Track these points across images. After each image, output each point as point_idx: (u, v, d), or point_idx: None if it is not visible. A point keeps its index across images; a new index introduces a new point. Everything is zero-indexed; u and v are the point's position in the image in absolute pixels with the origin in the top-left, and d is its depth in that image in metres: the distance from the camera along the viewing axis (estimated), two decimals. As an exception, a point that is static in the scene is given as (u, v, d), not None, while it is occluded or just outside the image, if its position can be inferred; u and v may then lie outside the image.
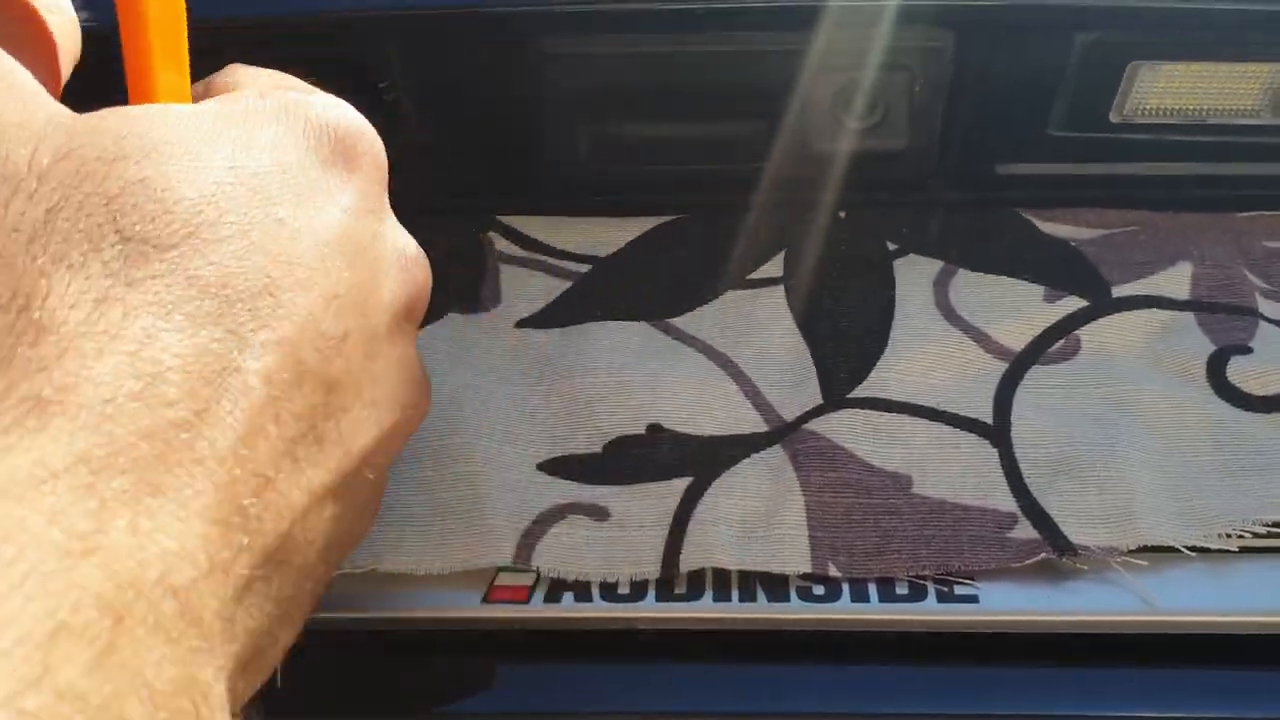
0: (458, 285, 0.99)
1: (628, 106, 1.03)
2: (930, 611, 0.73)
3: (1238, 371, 0.86)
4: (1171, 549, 0.75)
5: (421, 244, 1.00)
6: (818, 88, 1.00)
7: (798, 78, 0.99)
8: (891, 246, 0.99)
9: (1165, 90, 1.00)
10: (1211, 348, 0.88)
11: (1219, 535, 0.75)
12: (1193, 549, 0.75)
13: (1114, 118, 1.02)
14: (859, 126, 1.00)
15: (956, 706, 0.71)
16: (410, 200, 1.08)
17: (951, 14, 0.96)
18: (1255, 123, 1.02)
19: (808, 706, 0.71)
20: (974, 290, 0.94)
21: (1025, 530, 0.76)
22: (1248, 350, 0.87)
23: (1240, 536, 0.75)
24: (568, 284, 0.98)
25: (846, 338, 0.90)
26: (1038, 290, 0.93)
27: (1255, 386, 0.85)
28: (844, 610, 0.73)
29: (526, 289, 0.98)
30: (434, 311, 0.96)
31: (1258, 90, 1.00)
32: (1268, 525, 0.76)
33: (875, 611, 0.73)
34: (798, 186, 1.04)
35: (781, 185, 1.05)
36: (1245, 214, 1.01)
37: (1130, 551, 0.75)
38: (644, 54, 1.00)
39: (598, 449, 0.84)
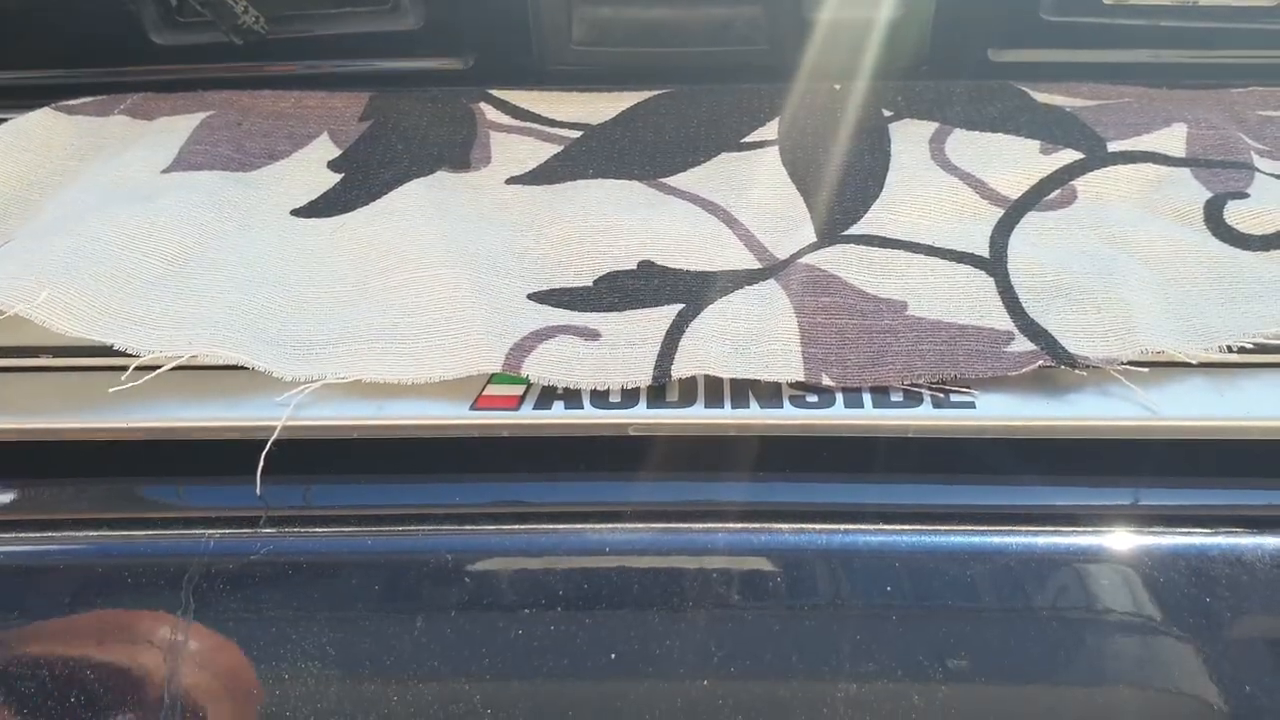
0: (447, 149, 0.98)
1: (617, 9, 1.03)
2: (926, 417, 0.71)
3: (1235, 213, 0.85)
4: (1172, 363, 0.74)
5: (411, 113, 1.00)
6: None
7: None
8: (887, 113, 0.99)
9: (1158, -31, 1.00)
10: (1208, 194, 0.87)
11: (1219, 348, 0.73)
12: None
13: (1107, 0, 1.02)
14: (853, -5, 0.99)
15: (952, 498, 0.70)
16: (404, 82, 1.08)
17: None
18: (1247, 5, 1.02)
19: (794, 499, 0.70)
20: (970, 144, 0.93)
21: (1022, 344, 0.74)
22: (1244, 195, 0.86)
23: (1240, 351, 0.74)
24: (558, 148, 0.98)
25: (842, 186, 0.90)
26: (1033, 144, 0.92)
27: (1253, 226, 0.84)
28: (838, 416, 0.72)
29: (517, 152, 0.97)
30: (423, 169, 0.95)
31: (1250, -35, 1.00)
32: (1268, 337, 0.74)
33: (869, 418, 0.72)
34: (792, 63, 1.04)
35: (776, 62, 1.04)
36: (1239, 89, 1.01)
37: (1130, 362, 0.73)
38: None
39: (588, 283, 0.82)
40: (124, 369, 0.75)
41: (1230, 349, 0.74)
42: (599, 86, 1.06)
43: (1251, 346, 0.74)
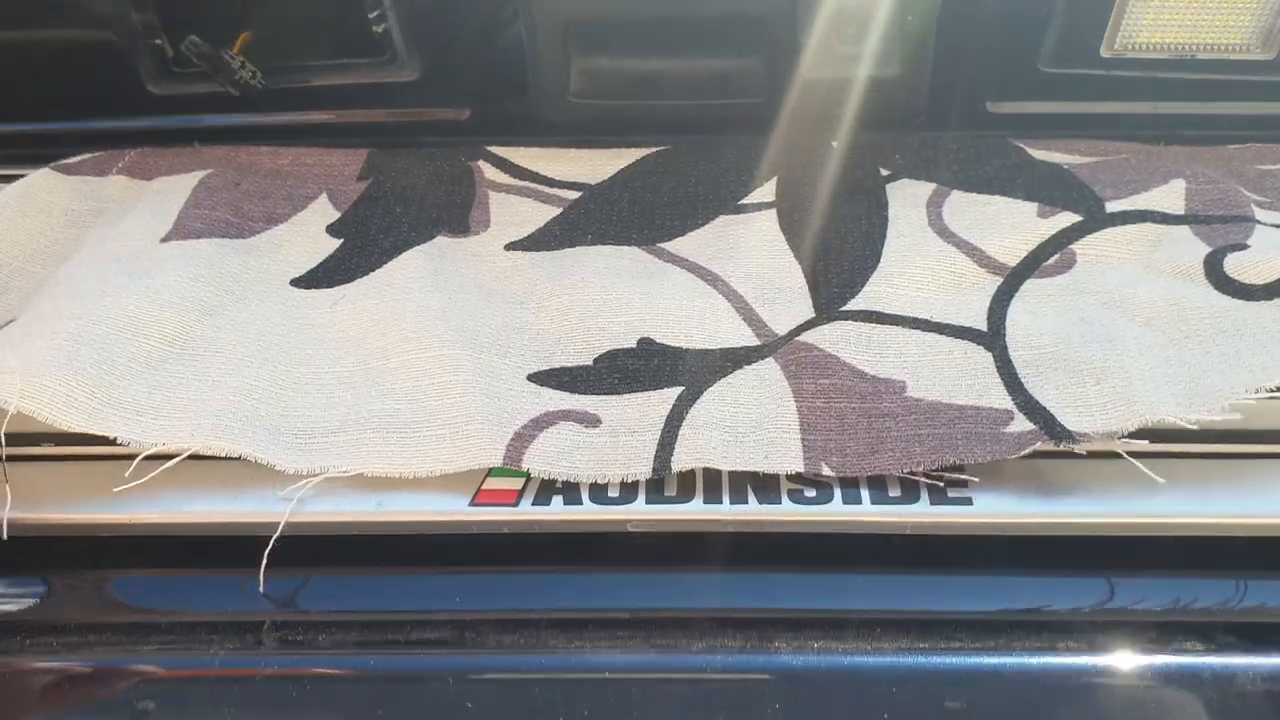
0: (446, 211, 0.98)
1: (619, 36, 1.03)
2: (923, 514, 0.72)
3: (1236, 265, 0.85)
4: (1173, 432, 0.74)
5: (409, 172, 1.00)
6: (809, 14, 0.99)
7: (789, 4, 0.98)
8: (884, 172, 0.98)
9: (1155, 24, 0.99)
10: (1208, 249, 0.87)
11: (1220, 410, 0.73)
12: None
13: (1105, 52, 1.01)
14: (851, 53, 0.99)
15: (948, 605, 0.71)
16: (401, 133, 1.08)
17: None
18: (1244, 58, 1.01)
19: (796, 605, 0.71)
20: (967, 208, 0.93)
21: (1021, 424, 0.75)
22: (1245, 247, 0.86)
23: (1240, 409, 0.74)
24: (557, 210, 0.98)
25: (839, 255, 0.90)
26: (1031, 207, 0.92)
27: (1254, 276, 0.84)
28: (836, 512, 0.72)
29: (516, 214, 0.97)
30: (423, 234, 0.95)
31: (1247, 24, 0.99)
32: (1270, 391, 0.74)
33: (867, 514, 0.72)
34: (790, 116, 1.03)
35: (774, 115, 1.04)
36: (1235, 145, 1.00)
37: (1131, 435, 0.73)
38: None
39: (588, 361, 0.83)
40: (127, 457, 0.76)
41: (1232, 408, 0.74)
42: (597, 141, 1.06)
43: (1254, 400, 0.74)
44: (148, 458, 0.76)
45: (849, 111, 1.04)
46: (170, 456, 0.75)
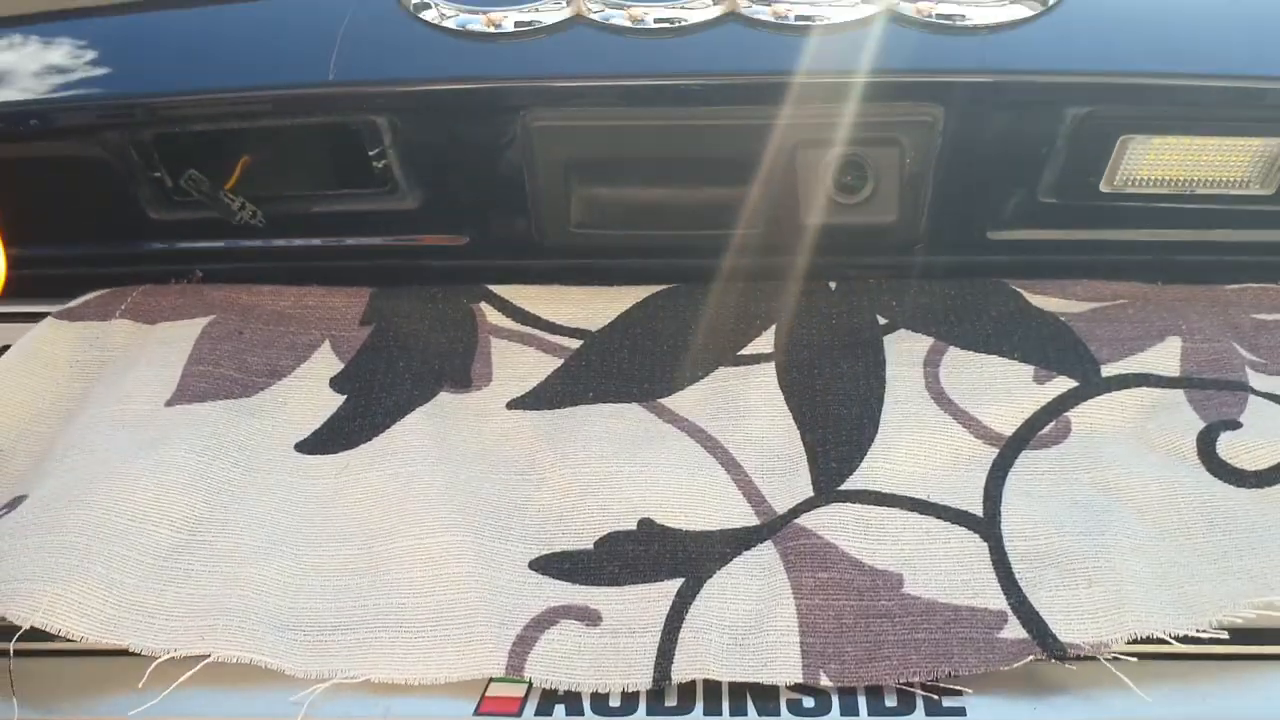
0: (448, 361, 0.99)
1: (619, 170, 1.03)
2: (919, 727, 0.74)
3: (1229, 446, 0.86)
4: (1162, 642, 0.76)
5: (412, 316, 1.01)
6: (807, 161, 0.99)
7: (786, 152, 0.99)
8: (882, 321, 0.99)
9: (1155, 162, 1.00)
10: (1201, 424, 0.88)
11: (1210, 624, 0.75)
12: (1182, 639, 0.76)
13: (1104, 188, 1.02)
14: (849, 202, 0.99)
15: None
16: (400, 271, 1.09)
17: (941, 89, 0.96)
18: (1244, 193, 1.02)
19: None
20: (964, 369, 0.94)
21: (1014, 630, 0.76)
22: (1237, 425, 0.87)
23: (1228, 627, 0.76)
24: (559, 361, 0.98)
25: (838, 422, 0.91)
26: (1027, 371, 0.93)
27: (1246, 461, 0.85)
28: (833, 725, 0.74)
29: (518, 366, 0.98)
30: (425, 390, 0.97)
31: (1247, 162, 1.00)
32: (1258, 608, 0.76)
33: (864, 727, 0.74)
34: (788, 258, 1.04)
35: (771, 257, 1.05)
36: (1233, 286, 1.01)
37: (1120, 648, 0.75)
38: (633, 127, 1.00)
39: (589, 545, 0.84)
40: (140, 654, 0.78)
41: (1219, 625, 0.76)
42: (597, 270, 1.07)
43: (1241, 622, 0.76)
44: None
45: (846, 255, 1.05)
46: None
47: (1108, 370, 0.92)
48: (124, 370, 0.97)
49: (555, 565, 0.83)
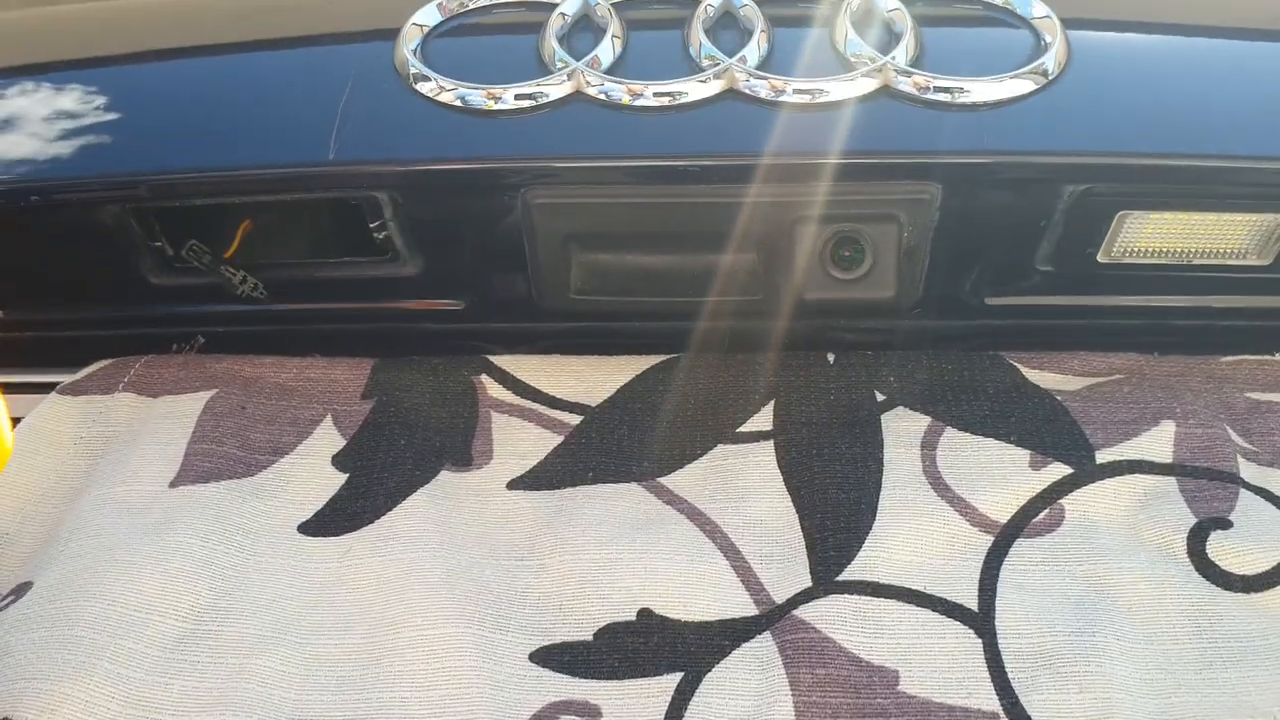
0: (450, 438, 1.00)
1: (617, 249, 1.04)
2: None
3: (1218, 547, 0.88)
4: None
5: (413, 390, 1.02)
6: (804, 237, 1.00)
7: (785, 228, 0.99)
8: (880, 397, 1.00)
9: (1153, 234, 1.01)
10: (1192, 520, 0.89)
11: None
12: None
13: (1101, 258, 1.03)
14: (847, 278, 1.00)
15: None
16: (398, 345, 1.10)
17: (939, 169, 0.96)
18: (1241, 263, 1.03)
19: None
20: (961, 454, 0.95)
21: None
22: (1228, 524, 0.89)
23: None
24: (559, 438, 0.99)
25: (836, 507, 0.92)
26: (1023, 455, 0.94)
27: (1235, 565, 0.87)
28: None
29: (519, 444, 0.99)
30: (427, 470, 0.98)
31: (1244, 234, 1.00)
32: None
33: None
34: (786, 330, 1.05)
35: (770, 328, 1.06)
36: (1229, 358, 1.02)
37: None
38: (633, 203, 1.01)
39: (589, 636, 0.85)
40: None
41: None
42: (596, 337, 1.08)
43: None
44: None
45: (844, 329, 1.06)
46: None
47: (1102, 457, 0.93)
48: (128, 447, 0.98)
49: (555, 657, 0.84)
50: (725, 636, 0.84)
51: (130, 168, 0.99)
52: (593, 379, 1.02)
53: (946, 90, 0.95)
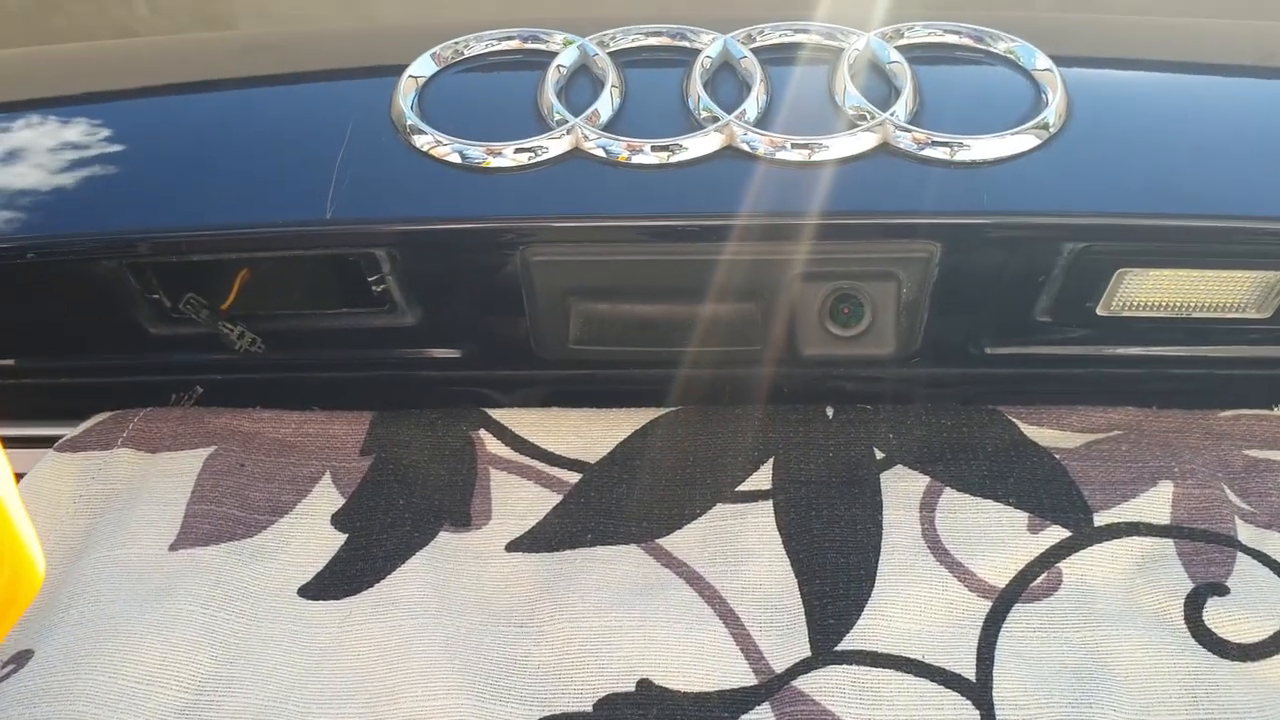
0: (448, 496, 1.00)
1: (616, 302, 1.04)
2: None
3: (1215, 615, 0.88)
4: None
5: (411, 446, 1.02)
6: (804, 294, 1.00)
7: (784, 286, 0.99)
8: (879, 455, 1.00)
9: (1153, 289, 1.01)
10: (1190, 585, 0.90)
11: None
12: None
13: (1100, 312, 1.03)
14: (846, 335, 1.00)
15: None
16: (397, 393, 1.10)
17: (939, 229, 0.96)
18: (1240, 316, 1.03)
19: None
20: (960, 516, 0.95)
21: None
22: (1225, 590, 0.89)
23: None
24: (558, 498, 1.00)
25: (835, 572, 0.92)
26: (1021, 518, 0.94)
27: (1231, 633, 0.87)
28: None
29: (517, 503, 0.99)
30: (425, 531, 0.98)
31: (1244, 290, 1.00)
32: None
33: None
34: (785, 384, 1.05)
35: (769, 381, 1.06)
36: (1227, 413, 1.02)
37: None
38: (632, 261, 1.01)
39: (588, 708, 0.86)
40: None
41: None
42: (596, 385, 1.08)
43: None
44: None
45: (843, 384, 1.06)
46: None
47: (1100, 519, 0.93)
48: (127, 506, 0.98)
49: (555, 730, 0.85)
50: (724, 708, 0.85)
51: (126, 225, 0.99)
52: (591, 434, 1.02)
53: (946, 146, 0.94)
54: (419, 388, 1.12)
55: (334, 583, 0.94)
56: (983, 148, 0.94)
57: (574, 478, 1.00)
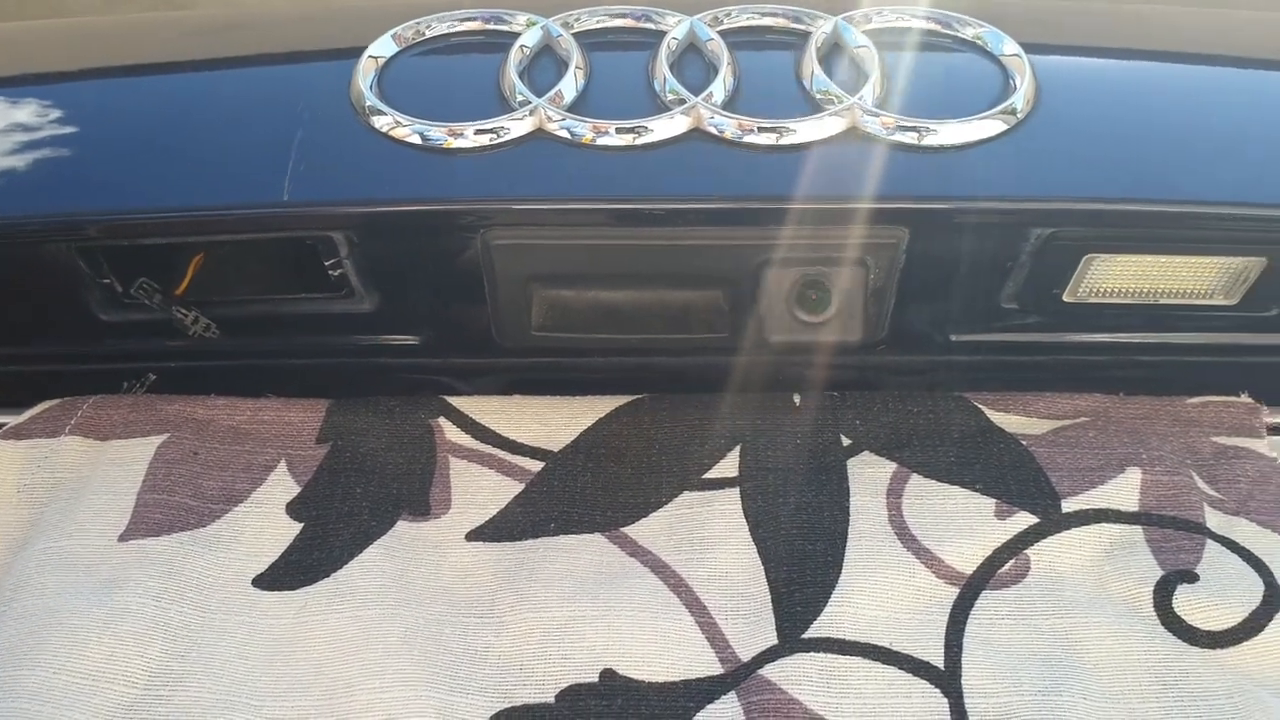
0: (406, 485, 0.98)
1: (579, 287, 1.02)
2: None
3: (1185, 602, 0.88)
4: None
5: (369, 434, 0.99)
6: (771, 280, 0.99)
7: (751, 272, 0.98)
8: (845, 441, 0.99)
9: (1120, 275, 1.00)
10: (1159, 572, 0.89)
11: None
12: None
13: (1067, 298, 1.02)
14: (814, 321, 0.99)
15: None
16: (354, 381, 1.07)
17: (907, 214, 0.95)
18: (1207, 303, 1.02)
19: None
20: (927, 502, 0.94)
21: None
22: (1194, 577, 0.88)
23: None
24: (519, 486, 0.98)
25: (802, 559, 0.91)
26: (989, 504, 0.93)
27: (1200, 620, 0.87)
28: None
29: (478, 492, 0.97)
30: (383, 520, 0.95)
31: (1212, 276, 1.00)
32: None
33: None
34: (752, 371, 1.04)
35: (735, 368, 1.04)
36: (1195, 400, 1.02)
37: None
38: (596, 245, 0.99)
39: (550, 699, 0.84)
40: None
41: None
42: (560, 373, 1.06)
43: None
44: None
45: (810, 371, 1.05)
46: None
47: (1068, 505, 0.92)
48: (75, 496, 0.95)
49: (516, 720, 0.83)
50: (689, 698, 0.83)
51: (76, 207, 0.95)
52: (554, 422, 1.00)
53: (914, 130, 0.93)
54: (377, 375, 1.10)
55: (289, 573, 0.91)
56: (951, 132, 0.93)
57: (536, 466, 0.98)
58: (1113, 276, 1.00)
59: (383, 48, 1.01)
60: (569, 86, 0.96)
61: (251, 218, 0.95)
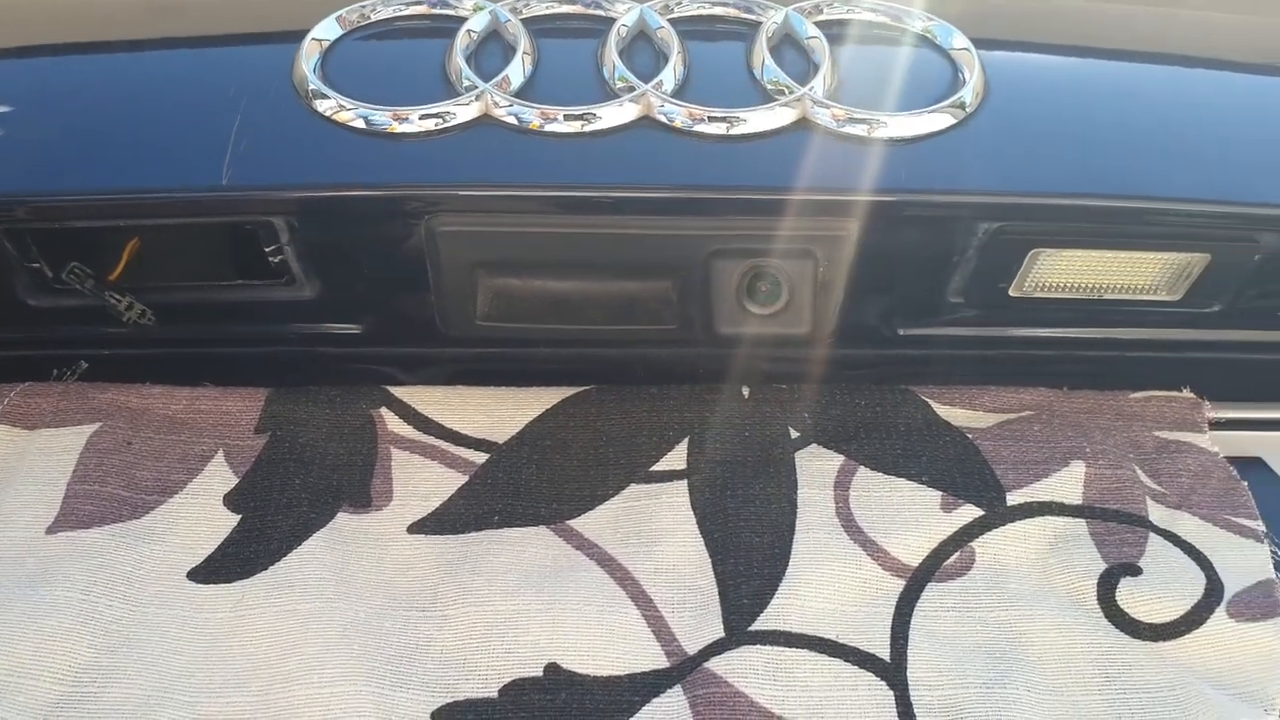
0: (347, 476, 0.96)
1: (525, 276, 1.00)
2: None
3: (1128, 595, 0.88)
4: None
5: (309, 424, 0.97)
6: (720, 271, 0.98)
7: (700, 262, 0.97)
8: (794, 434, 0.99)
9: (1065, 270, 1.00)
10: (1102, 565, 0.90)
11: None
12: None
13: (1013, 293, 1.02)
14: (763, 313, 0.98)
15: None
16: (294, 370, 1.05)
17: (856, 206, 0.95)
18: (1151, 298, 1.03)
19: None
20: (874, 495, 0.94)
21: None
22: (1137, 571, 0.89)
23: None
24: (463, 478, 0.96)
25: (750, 551, 0.90)
26: (935, 497, 0.93)
27: (1143, 613, 0.87)
28: None
29: (420, 484, 0.95)
30: (323, 512, 0.93)
31: (1155, 271, 1.01)
32: None
33: None
34: (701, 363, 1.03)
35: (684, 360, 1.03)
36: (1138, 394, 1.02)
37: None
38: (542, 233, 0.97)
39: (494, 693, 0.83)
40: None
41: None
42: (505, 363, 1.05)
43: None
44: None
45: (759, 363, 1.05)
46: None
47: (1013, 498, 0.93)
48: (1, 488, 0.92)
49: (459, 716, 0.81)
50: (635, 692, 0.82)
51: (3, 189, 0.92)
52: (499, 413, 0.99)
53: (864, 123, 0.93)
54: (318, 365, 1.08)
55: (226, 565, 0.89)
56: (900, 125, 0.93)
57: (481, 458, 0.96)
58: (1058, 271, 1.00)
59: (327, 30, 0.99)
60: (516, 72, 0.95)
61: (188, 201, 0.93)
